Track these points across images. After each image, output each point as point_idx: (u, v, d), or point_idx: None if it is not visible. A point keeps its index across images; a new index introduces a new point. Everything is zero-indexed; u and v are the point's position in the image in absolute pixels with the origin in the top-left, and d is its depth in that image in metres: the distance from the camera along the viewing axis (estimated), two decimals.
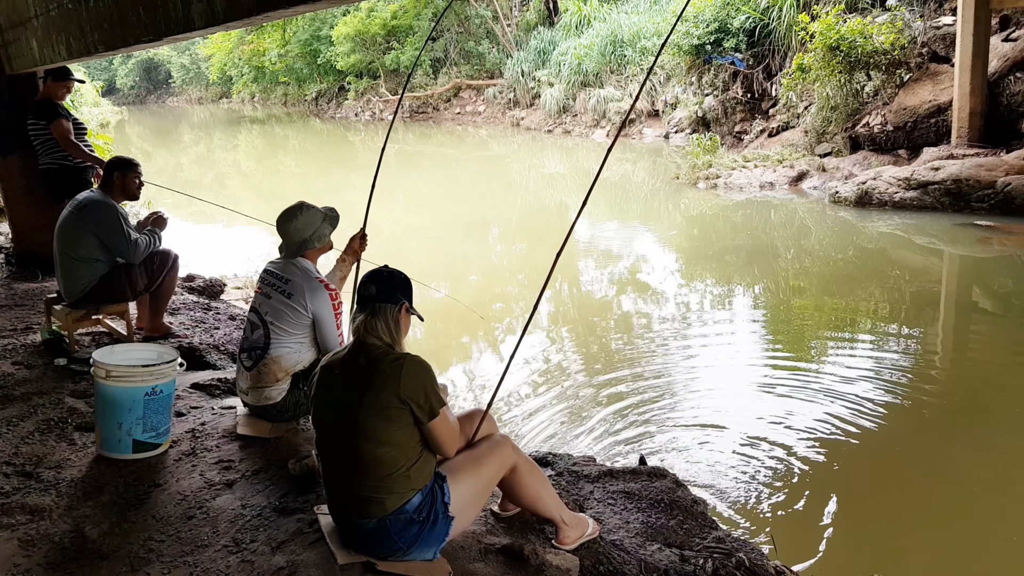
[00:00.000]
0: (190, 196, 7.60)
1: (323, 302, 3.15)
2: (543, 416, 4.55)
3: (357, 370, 2.29)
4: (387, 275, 2.41)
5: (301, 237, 3.22)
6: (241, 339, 3.34)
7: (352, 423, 2.25)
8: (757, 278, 7.42)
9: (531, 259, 8.69)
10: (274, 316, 3.16)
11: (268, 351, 3.16)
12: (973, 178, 8.92)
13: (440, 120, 24.63)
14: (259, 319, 3.20)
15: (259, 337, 3.18)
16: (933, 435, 4.33)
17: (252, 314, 3.26)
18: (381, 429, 2.23)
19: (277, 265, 3.26)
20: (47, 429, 3.30)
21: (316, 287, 3.16)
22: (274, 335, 3.16)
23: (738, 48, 14.39)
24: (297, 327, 3.17)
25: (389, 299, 2.35)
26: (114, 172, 4.25)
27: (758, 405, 4.62)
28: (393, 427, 2.24)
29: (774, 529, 3.34)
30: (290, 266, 3.22)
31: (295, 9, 2.64)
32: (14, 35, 5.37)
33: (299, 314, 3.14)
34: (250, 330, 3.25)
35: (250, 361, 3.22)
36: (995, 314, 6.27)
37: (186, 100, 47.73)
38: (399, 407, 2.23)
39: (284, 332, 3.16)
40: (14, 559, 2.41)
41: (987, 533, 3.42)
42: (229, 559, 2.42)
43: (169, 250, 4.45)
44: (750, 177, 11.34)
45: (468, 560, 2.43)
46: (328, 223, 3.30)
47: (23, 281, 5.61)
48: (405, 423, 2.26)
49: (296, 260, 3.23)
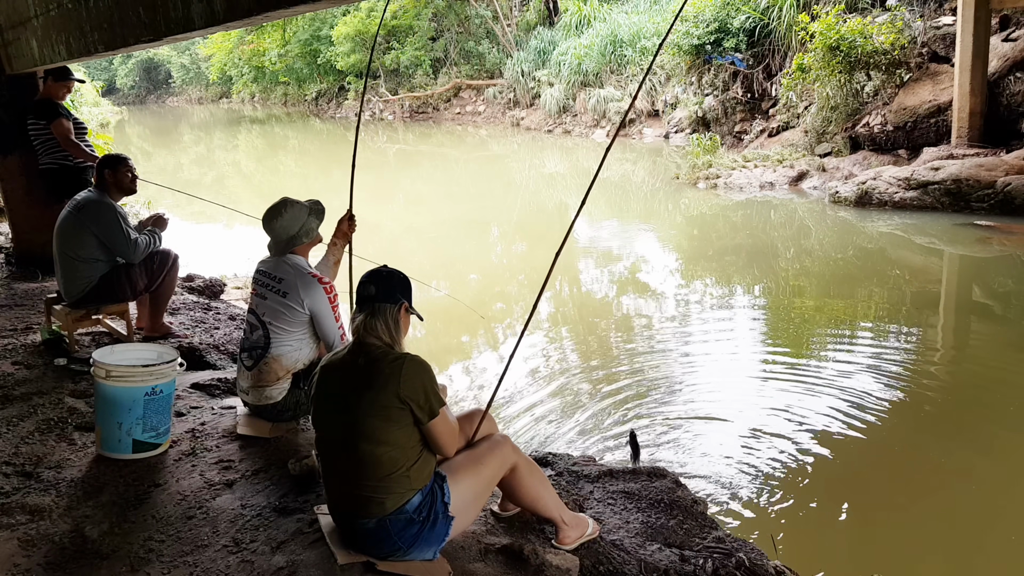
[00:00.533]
0: (190, 195, 7.59)
1: (319, 297, 3.14)
2: (542, 415, 4.55)
3: (357, 370, 2.28)
4: (386, 275, 2.40)
5: (288, 234, 3.19)
6: (241, 339, 3.34)
7: (352, 423, 2.25)
8: (757, 278, 7.42)
9: (531, 259, 8.69)
10: (271, 316, 3.15)
11: (269, 351, 3.16)
12: (973, 178, 8.92)
13: (440, 120, 24.63)
14: (257, 320, 3.20)
15: (259, 338, 3.18)
16: (934, 434, 4.33)
17: (250, 315, 3.26)
18: (381, 429, 2.23)
19: (268, 264, 3.25)
20: (47, 429, 3.30)
21: (309, 282, 3.14)
22: (274, 335, 3.16)
23: (738, 48, 14.39)
24: (295, 324, 3.16)
25: (389, 299, 2.35)
26: (104, 170, 4.24)
27: (758, 404, 4.62)
28: (393, 427, 2.23)
29: (774, 528, 3.34)
30: (282, 264, 3.19)
31: (295, 9, 2.64)
32: (14, 35, 5.36)
33: (296, 312, 3.13)
34: (249, 331, 3.25)
35: (251, 360, 3.21)
36: (995, 314, 6.27)
37: (186, 100, 47.72)
38: (399, 407, 2.23)
39: (283, 331, 3.16)
40: (14, 559, 2.41)
41: (988, 531, 3.42)
42: (229, 559, 2.42)
43: (169, 250, 4.44)
44: (750, 177, 11.34)
45: (468, 560, 2.43)
46: (314, 216, 3.25)
47: (23, 281, 5.60)
48: (405, 423, 2.25)
49: (287, 257, 3.21)
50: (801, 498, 3.66)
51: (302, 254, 3.27)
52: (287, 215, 3.18)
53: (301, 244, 3.24)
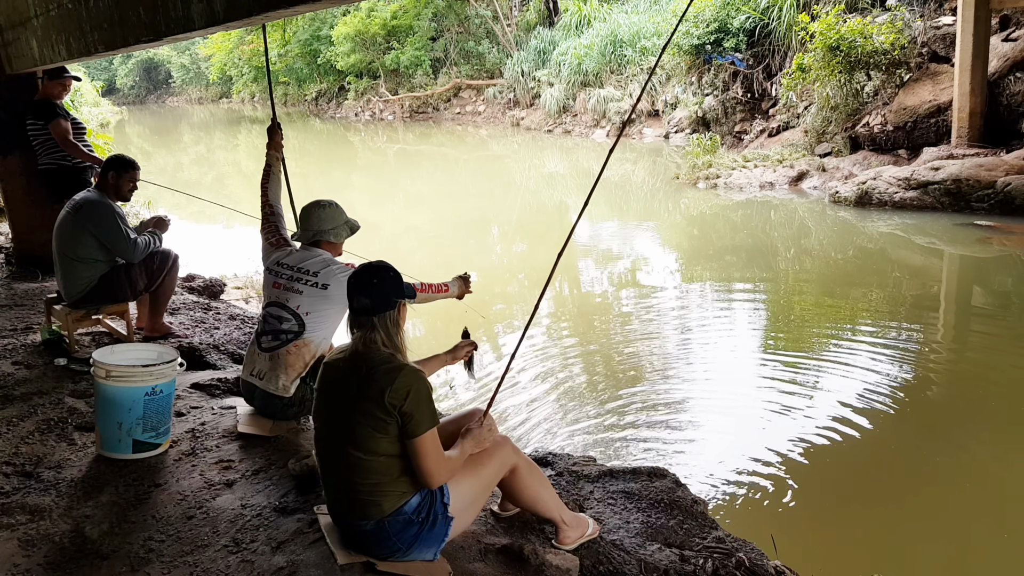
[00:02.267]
0: (190, 195, 7.60)
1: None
2: (541, 414, 4.55)
3: (356, 377, 2.25)
4: (377, 281, 2.30)
5: (322, 227, 3.25)
6: (261, 325, 3.28)
7: (345, 430, 2.24)
8: (757, 278, 7.42)
9: (531, 259, 8.69)
10: (309, 307, 3.16)
11: (302, 336, 3.17)
12: (973, 178, 8.92)
13: (440, 120, 24.63)
14: (289, 312, 3.17)
15: (291, 326, 3.17)
16: (933, 434, 4.33)
17: (274, 308, 3.21)
18: (370, 438, 2.20)
19: (293, 258, 3.24)
20: (47, 429, 3.30)
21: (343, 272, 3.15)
22: (311, 323, 3.17)
23: (738, 48, 14.39)
24: (335, 316, 3.21)
25: (386, 307, 2.29)
26: (109, 171, 4.23)
27: (758, 404, 4.62)
28: (380, 437, 2.20)
29: (774, 528, 3.34)
30: (311, 258, 3.21)
31: (295, 9, 2.63)
32: (14, 35, 5.36)
33: (338, 305, 3.14)
34: (277, 322, 3.20)
35: (276, 342, 3.18)
36: (995, 314, 6.27)
37: (186, 100, 47.71)
38: (386, 418, 2.17)
39: (321, 322, 3.19)
40: (14, 559, 2.41)
41: (989, 532, 3.42)
42: (229, 559, 2.42)
43: (169, 250, 4.44)
44: (750, 177, 11.34)
45: (468, 560, 2.43)
46: (347, 227, 3.33)
47: (23, 281, 5.61)
48: (392, 435, 2.20)
49: (314, 252, 3.24)
50: (801, 498, 3.66)
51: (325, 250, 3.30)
52: (329, 211, 3.28)
53: (326, 241, 3.28)
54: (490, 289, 7.52)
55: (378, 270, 2.33)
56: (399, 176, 15.98)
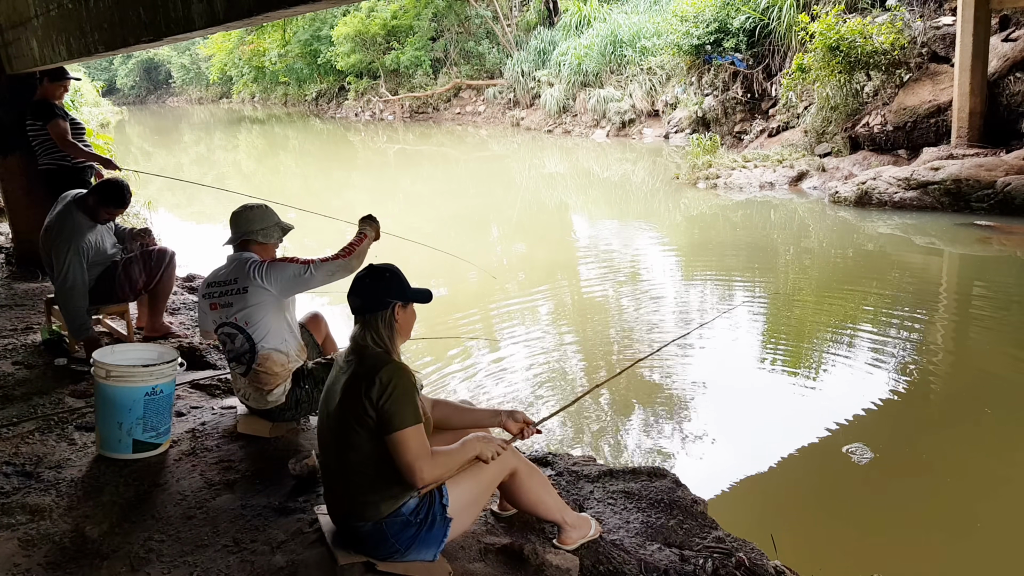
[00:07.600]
0: (191, 182, 7.57)
1: (267, 268, 3.12)
2: (541, 414, 4.55)
3: (347, 376, 2.26)
4: (370, 281, 2.31)
5: (251, 227, 3.24)
6: (225, 353, 3.27)
7: (341, 429, 2.24)
8: (757, 278, 7.42)
9: (531, 258, 8.69)
10: (245, 316, 3.10)
11: (257, 351, 3.12)
12: (973, 178, 8.92)
13: (440, 120, 24.62)
14: (233, 328, 3.13)
15: (242, 343, 3.13)
16: (933, 433, 4.33)
17: (222, 329, 3.17)
18: (362, 437, 2.20)
19: (219, 274, 3.23)
20: (47, 429, 3.30)
21: (256, 264, 3.14)
22: (255, 332, 3.11)
23: (738, 48, 14.39)
24: (269, 308, 3.12)
25: (377, 307, 2.29)
26: (98, 196, 4.08)
27: (758, 404, 4.62)
28: (368, 436, 2.19)
29: (774, 528, 3.34)
30: (228, 267, 3.20)
31: (295, 9, 2.64)
32: (14, 35, 5.36)
33: (263, 294, 3.09)
34: (230, 341, 3.17)
35: (242, 367, 3.18)
36: (995, 314, 6.27)
37: (186, 100, 47.72)
38: (368, 414, 2.17)
39: (262, 323, 3.11)
40: (14, 559, 2.41)
41: (990, 532, 3.42)
42: (229, 559, 2.42)
43: (166, 248, 4.45)
44: (750, 177, 11.34)
45: (468, 560, 2.43)
46: (279, 228, 3.32)
47: (23, 281, 5.61)
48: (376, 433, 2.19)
49: (240, 256, 3.20)
50: (801, 498, 3.66)
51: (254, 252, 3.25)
52: (259, 211, 3.29)
53: (257, 243, 3.25)
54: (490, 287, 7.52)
55: (375, 272, 2.35)
56: (399, 176, 15.98)
